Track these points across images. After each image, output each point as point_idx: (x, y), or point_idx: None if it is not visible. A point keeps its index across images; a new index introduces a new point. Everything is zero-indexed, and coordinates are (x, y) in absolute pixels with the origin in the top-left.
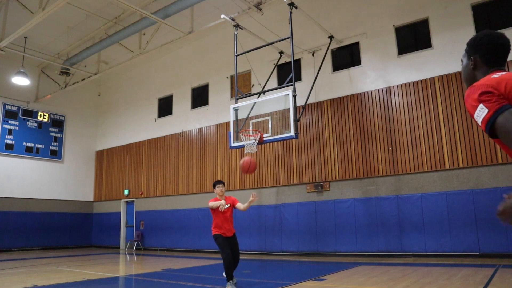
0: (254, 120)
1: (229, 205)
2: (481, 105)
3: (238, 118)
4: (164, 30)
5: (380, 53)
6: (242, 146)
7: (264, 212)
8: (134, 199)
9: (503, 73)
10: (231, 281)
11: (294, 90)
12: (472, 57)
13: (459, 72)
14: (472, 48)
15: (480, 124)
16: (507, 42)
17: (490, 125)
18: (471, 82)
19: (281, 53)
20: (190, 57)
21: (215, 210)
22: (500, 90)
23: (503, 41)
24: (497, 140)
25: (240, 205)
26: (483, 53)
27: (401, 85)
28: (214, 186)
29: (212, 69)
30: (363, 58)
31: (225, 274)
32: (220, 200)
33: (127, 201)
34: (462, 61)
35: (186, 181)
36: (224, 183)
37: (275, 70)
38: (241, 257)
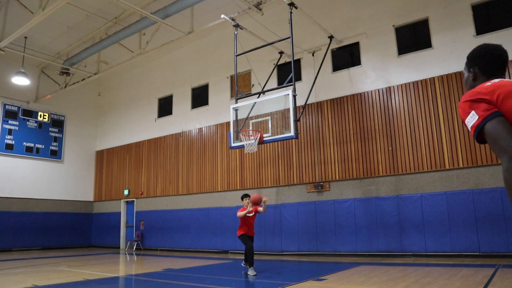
0: (254, 120)
1: (252, 213)
2: (472, 111)
3: (238, 118)
4: (164, 30)
5: (380, 53)
6: (242, 146)
7: (264, 212)
8: (134, 199)
9: (497, 80)
10: (253, 267)
11: (294, 90)
12: (471, 69)
13: (459, 72)
14: (471, 61)
15: (470, 130)
16: (503, 52)
17: (478, 131)
18: None
19: (281, 53)
20: (190, 57)
21: (244, 217)
22: (492, 99)
23: (499, 52)
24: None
25: (260, 209)
26: (481, 65)
27: (401, 85)
28: (242, 199)
29: (212, 69)
30: (363, 58)
31: (248, 262)
32: (247, 209)
33: (127, 201)
34: (464, 74)
35: (186, 181)
36: (249, 196)
37: (275, 70)
38: (240, 257)
